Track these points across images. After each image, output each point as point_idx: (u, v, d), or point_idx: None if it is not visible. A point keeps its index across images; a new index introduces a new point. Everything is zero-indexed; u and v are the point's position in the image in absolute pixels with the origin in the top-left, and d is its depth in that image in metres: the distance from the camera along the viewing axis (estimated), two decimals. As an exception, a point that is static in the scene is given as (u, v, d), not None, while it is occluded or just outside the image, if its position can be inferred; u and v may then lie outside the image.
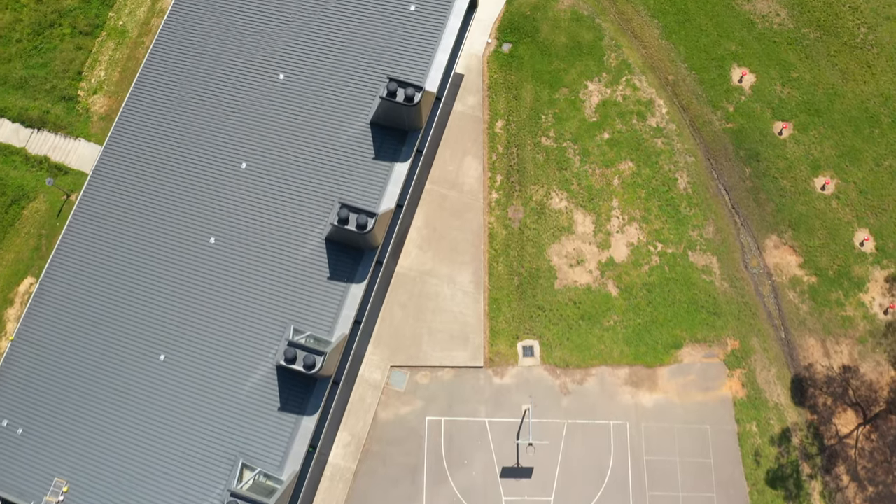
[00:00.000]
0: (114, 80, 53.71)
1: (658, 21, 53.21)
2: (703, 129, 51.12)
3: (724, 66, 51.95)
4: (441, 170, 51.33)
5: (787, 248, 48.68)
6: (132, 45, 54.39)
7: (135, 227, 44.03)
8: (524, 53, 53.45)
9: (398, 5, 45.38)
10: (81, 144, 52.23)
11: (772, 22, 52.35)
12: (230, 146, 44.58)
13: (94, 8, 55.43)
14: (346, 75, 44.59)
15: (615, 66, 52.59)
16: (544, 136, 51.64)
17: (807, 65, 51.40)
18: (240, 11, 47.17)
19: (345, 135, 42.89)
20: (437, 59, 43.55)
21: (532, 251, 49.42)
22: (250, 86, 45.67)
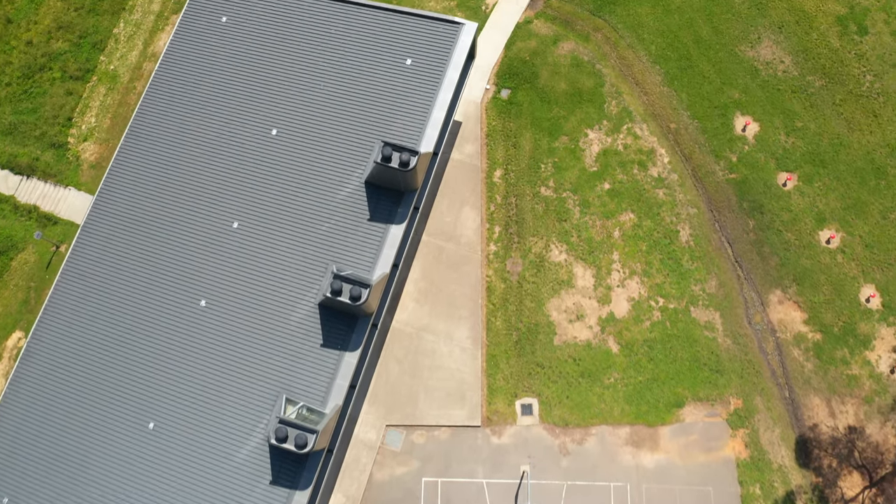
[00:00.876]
0: (104, 127, 53.26)
1: (660, 67, 52.73)
2: (705, 179, 50.61)
3: (727, 115, 51.47)
4: (438, 221, 50.82)
5: (792, 303, 48.14)
6: (123, 91, 53.93)
7: (123, 287, 43.67)
8: (523, 100, 53.00)
9: (394, 59, 44.92)
10: (71, 193, 51.80)
11: (776, 69, 51.88)
12: (221, 204, 44.16)
13: (85, 52, 54.99)
14: (340, 132, 44.17)
15: (616, 113, 52.11)
16: (544, 185, 51.14)
17: (811, 114, 50.93)
18: (233, 62, 46.85)
19: (339, 195, 42.38)
20: (433, 116, 43.09)
21: (531, 306, 48.90)
22: (242, 140, 45.30)
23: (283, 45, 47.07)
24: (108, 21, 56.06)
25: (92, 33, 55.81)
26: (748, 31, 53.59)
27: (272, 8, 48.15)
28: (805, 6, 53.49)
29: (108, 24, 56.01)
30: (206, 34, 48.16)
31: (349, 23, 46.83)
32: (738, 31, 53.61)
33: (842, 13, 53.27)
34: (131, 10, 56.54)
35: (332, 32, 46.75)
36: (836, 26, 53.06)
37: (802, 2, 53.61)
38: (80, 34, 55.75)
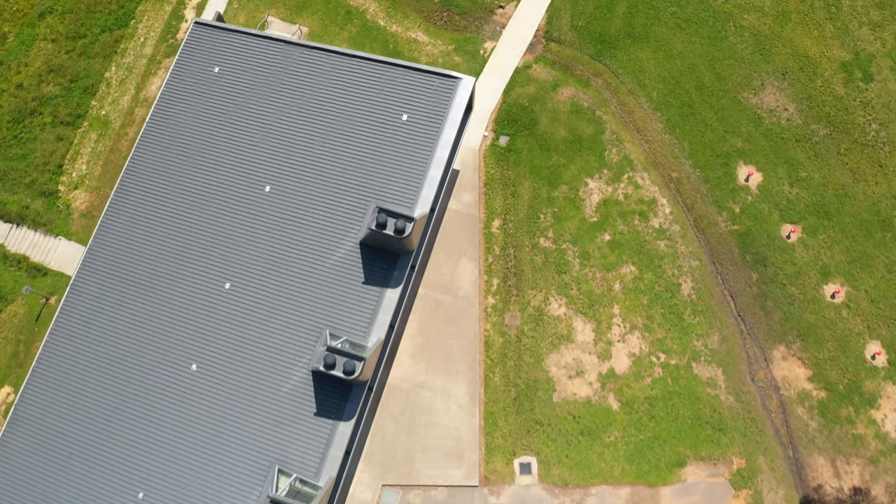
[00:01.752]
0: (95, 175, 52.85)
1: (661, 114, 52.27)
2: (707, 230, 50.11)
3: (729, 164, 50.99)
4: (435, 273, 50.33)
5: (796, 359, 47.64)
6: (115, 137, 53.55)
7: (113, 348, 43.63)
8: (522, 147, 52.55)
9: (390, 114, 44.51)
10: (62, 244, 51.36)
11: (779, 117, 51.41)
12: (213, 262, 43.79)
13: (77, 96, 54.58)
14: (334, 190, 43.81)
15: (617, 161, 51.63)
16: (543, 236, 50.64)
17: (816, 163, 50.46)
18: (226, 114, 46.81)
19: (333, 256, 41.78)
20: (430, 175, 42.80)
21: (530, 361, 48.41)
22: (235, 196, 44.94)
23: (277, 97, 46.67)
24: (99, 64, 55.62)
25: (83, 77, 55.37)
26: (751, 77, 53.12)
27: (265, 58, 47.73)
28: (809, 52, 53.02)
29: (99, 67, 55.58)
30: (198, 85, 47.78)
31: (344, 75, 46.44)
32: (740, 77, 53.15)
33: (846, 59, 52.82)
34: (123, 54, 56.12)
35: (327, 85, 46.40)
36: (841, 73, 52.60)
37: (806, 47, 53.12)
38: (72, 78, 55.29)
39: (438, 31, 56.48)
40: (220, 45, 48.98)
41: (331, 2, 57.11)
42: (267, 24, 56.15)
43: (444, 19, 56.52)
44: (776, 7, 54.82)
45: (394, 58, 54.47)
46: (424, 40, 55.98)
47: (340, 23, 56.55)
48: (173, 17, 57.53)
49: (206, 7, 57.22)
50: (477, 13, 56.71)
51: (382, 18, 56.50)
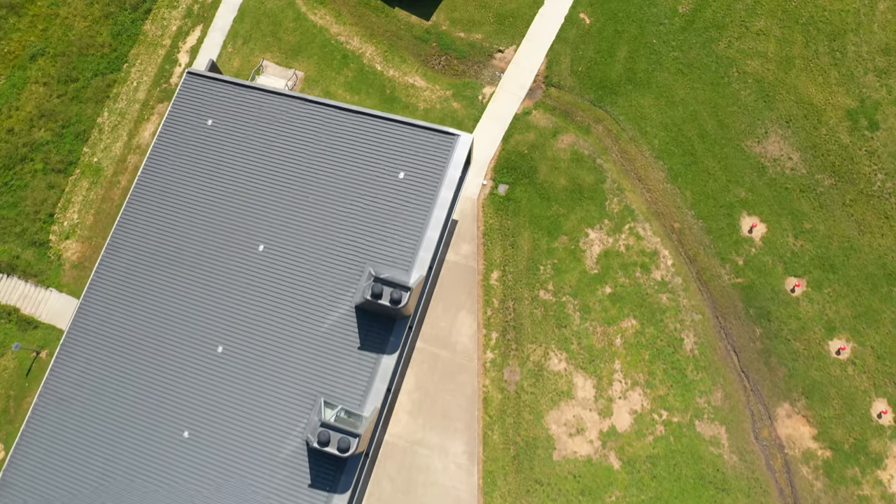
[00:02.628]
0: (87, 224, 52.35)
1: (663, 163, 51.71)
2: (710, 283, 49.52)
3: (733, 215, 50.43)
4: (433, 326, 49.75)
5: (801, 417, 47.05)
6: (107, 185, 53.03)
7: (103, 413, 42.81)
8: (521, 196, 51.98)
9: (386, 172, 43.97)
10: (53, 295, 50.83)
11: (783, 166, 50.85)
12: (205, 324, 43.16)
13: (68, 142, 54.06)
14: (329, 251, 43.36)
15: (618, 211, 51.06)
16: (542, 289, 50.06)
17: (821, 215, 49.89)
18: (220, 169, 46.88)
19: (328, 320, 41.18)
20: (427, 236, 42.27)
21: (529, 418, 47.83)
22: (228, 254, 44.51)
23: (272, 152, 46.21)
24: (91, 109, 55.15)
25: (75, 122, 54.90)
26: (755, 125, 52.58)
27: (259, 111, 47.29)
28: (813, 99, 52.48)
29: (91, 112, 55.11)
30: (191, 138, 47.35)
31: (340, 130, 46.05)
32: (744, 125, 52.60)
33: (852, 107, 52.29)
34: (115, 99, 55.63)
35: (323, 140, 45.92)
36: (846, 121, 52.05)
37: (811, 94, 52.58)
38: (63, 123, 54.84)
39: (436, 75, 55.94)
40: (214, 96, 48.50)
41: (327, 46, 56.58)
42: (262, 68, 55.63)
43: (442, 63, 55.98)
44: (780, 52, 54.27)
45: (391, 102, 54.24)
46: (422, 85, 55.44)
47: (337, 67, 56.03)
48: (167, 60, 57.02)
49: (200, 51, 56.75)
50: (475, 57, 56.17)
51: (379, 63, 55.97)
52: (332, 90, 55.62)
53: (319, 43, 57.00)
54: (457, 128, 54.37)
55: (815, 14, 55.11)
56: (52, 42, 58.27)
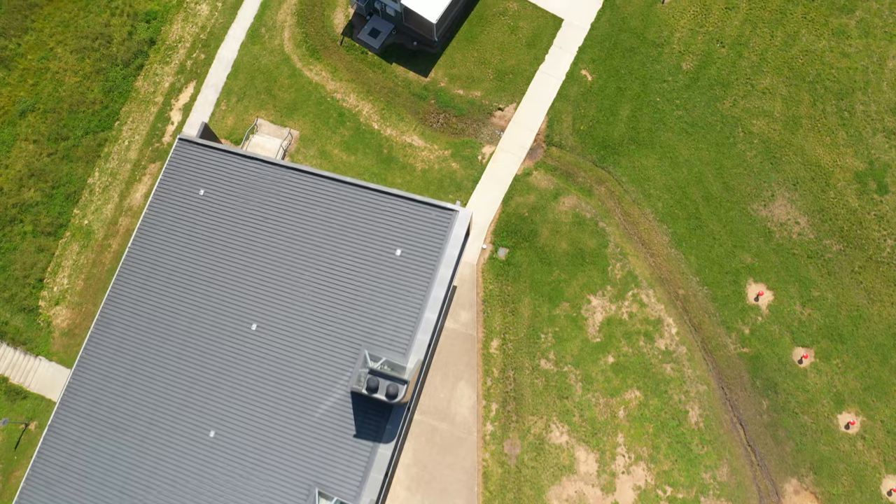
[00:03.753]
0: (77, 290, 51.50)
1: (667, 227, 50.80)
2: (716, 352, 48.64)
3: (738, 282, 49.48)
4: (431, 398, 48.84)
5: (809, 493, 46.15)
6: (97, 249, 52.23)
7: (90, 497, 41.39)
8: (522, 260, 51.07)
9: (382, 248, 43.08)
10: (42, 364, 50.00)
11: (790, 231, 49.94)
12: (196, 408, 42.43)
13: (58, 204, 53.23)
14: (324, 331, 42.51)
15: (620, 277, 50.15)
16: (543, 358, 49.17)
17: (829, 282, 48.94)
18: (212, 242, 46.55)
19: (322, 405, 40.24)
20: (425, 318, 41.66)
21: (530, 493, 46.93)
22: (220, 333, 43.76)
23: (265, 226, 45.41)
24: (82, 169, 54.36)
25: (65, 183, 54.11)
26: (761, 187, 51.71)
27: (252, 182, 46.36)
28: (821, 161, 51.61)
29: (82, 172, 54.33)
30: (183, 209, 46.58)
31: (335, 203, 45.20)
32: (750, 187, 51.72)
33: (860, 169, 51.39)
34: (107, 158, 54.87)
35: (317, 214, 45.15)
36: (855, 183, 51.17)
37: (818, 156, 51.72)
38: (53, 184, 54.03)
39: (435, 134, 55.09)
40: (205, 164, 47.80)
41: (323, 103, 55.74)
42: (256, 127, 54.74)
43: (440, 121, 55.13)
44: (786, 112, 53.41)
45: (388, 163, 53.95)
46: (420, 145, 54.59)
47: (332, 126, 55.19)
48: (159, 118, 56.21)
49: (193, 109, 55.94)
50: (475, 115, 55.31)
51: (376, 121, 55.10)
52: (329, 150, 54.77)
53: (315, 100, 56.15)
54: (456, 189, 53.60)
55: (823, 72, 54.23)
56: (43, 98, 57.45)
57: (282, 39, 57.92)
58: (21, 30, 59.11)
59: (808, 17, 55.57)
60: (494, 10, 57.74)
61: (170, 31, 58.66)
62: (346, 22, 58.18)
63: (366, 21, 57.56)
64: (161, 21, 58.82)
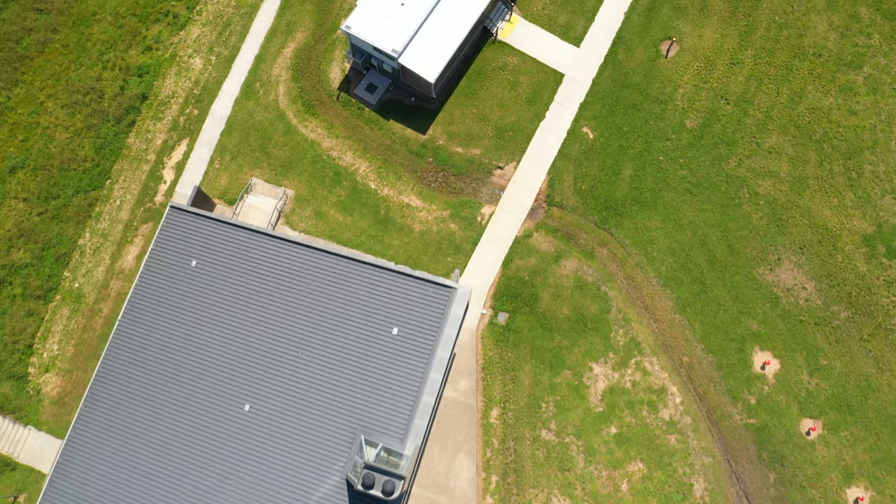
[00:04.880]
0: (67, 356, 50.60)
1: (671, 291, 49.86)
2: (721, 422, 47.68)
3: (744, 349, 48.53)
4: (429, 470, 47.90)
5: (817, 571, 45.09)
6: (88, 314, 51.28)
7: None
8: (522, 326, 50.11)
9: (379, 327, 42.21)
10: (31, 434, 49.17)
11: (797, 297, 48.97)
12: (188, 494, 41.03)
13: (48, 266, 52.34)
14: (318, 412, 41.78)
15: (623, 344, 49.18)
16: (545, 428, 48.25)
17: (837, 350, 47.98)
18: (204, 317, 46.10)
19: (316, 493, 39.28)
20: (423, 401, 40.72)
21: (531, 570, 45.93)
22: (212, 414, 43.03)
23: (259, 301, 44.58)
24: (73, 230, 53.48)
25: (55, 244, 53.25)
26: (767, 250, 50.76)
27: (245, 254, 45.44)
28: (829, 223, 50.67)
29: (73, 233, 53.45)
30: (174, 281, 45.70)
31: (330, 277, 44.27)
32: (756, 250, 50.78)
33: (869, 232, 50.47)
34: (98, 218, 53.98)
35: (311, 289, 44.22)
36: (863, 247, 50.20)
37: (825, 218, 50.78)
38: (44, 245, 53.15)
39: (433, 193, 54.12)
40: (197, 233, 46.76)
41: (318, 161, 54.82)
42: (251, 187, 53.79)
43: (438, 180, 54.20)
44: (793, 172, 52.47)
45: (386, 224, 53.42)
46: (418, 205, 53.65)
47: (328, 185, 54.26)
48: (151, 177, 55.31)
49: (186, 168, 55.13)
50: (474, 174, 54.37)
51: (373, 180, 54.17)
52: (324, 210, 53.84)
53: (311, 158, 55.22)
54: (454, 252, 52.67)
55: (829, 130, 53.30)
56: (33, 154, 56.56)
57: (277, 95, 56.97)
58: (11, 82, 58.22)
59: (815, 73, 54.64)
60: (494, 64, 56.78)
61: (162, 86, 57.71)
62: (342, 76, 57.24)
63: (362, 76, 56.61)
64: (154, 75, 57.90)
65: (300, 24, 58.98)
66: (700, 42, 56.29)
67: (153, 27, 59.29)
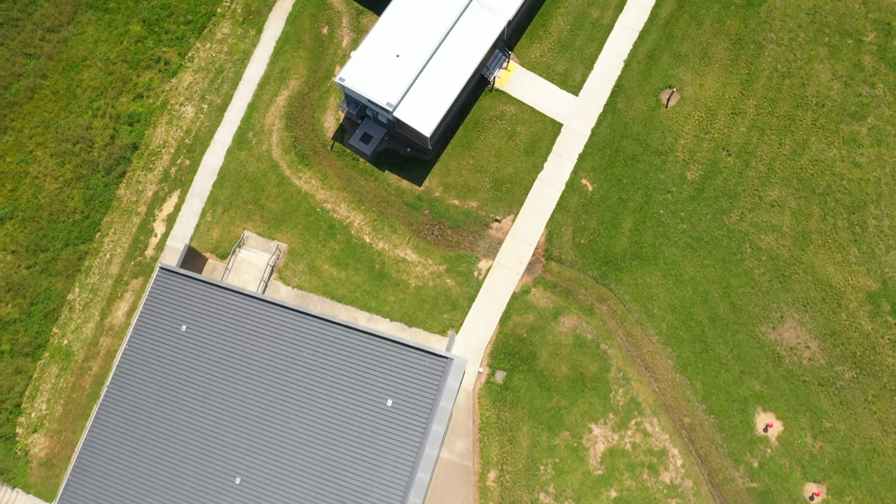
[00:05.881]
0: (56, 416, 49.94)
1: (672, 350, 49.08)
2: (723, 486, 47.02)
3: (747, 410, 47.84)
4: (425, 535, 46.80)
5: None
6: (77, 372, 50.57)
7: None
8: (520, 385, 49.37)
9: (372, 397, 41.62)
10: (19, 497, 48.92)
11: (801, 356, 48.23)
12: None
13: (37, 322, 51.56)
14: (310, 489, 40.39)
15: (623, 404, 48.47)
16: (543, 491, 47.56)
17: (841, 412, 47.27)
18: (194, 384, 44.99)
19: (310, 571, 38.55)
20: (417, 478, 39.74)
21: None
22: (202, 485, 41.53)
23: (250, 368, 44.04)
24: (62, 284, 52.75)
25: (44, 299, 52.47)
26: (769, 308, 50.03)
27: (236, 319, 44.70)
28: (832, 280, 49.92)
29: (62, 287, 52.75)
30: (164, 346, 44.83)
31: (323, 346, 43.17)
32: (758, 308, 50.03)
33: (873, 289, 49.75)
34: (87, 272, 53.21)
35: (304, 356, 43.44)
36: (868, 304, 49.48)
37: (829, 274, 50.04)
38: (32, 299, 52.39)
39: (429, 247, 53.31)
40: (187, 296, 46.06)
41: (312, 214, 54.03)
42: (243, 240, 52.97)
43: (435, 233, 53.40)
44: (796, 226, 51.72)
45: (381, 279, 53.10)
46: (414, 259, 52.86)
47: (323, 239, 53.49)
48: (142, 230, 54.54)
49: (177, 220, 54.53)
50: (471, 227, 53.56)
51: (368, 234, 53.36)
52: (318, 265, 53.04)
53: (304, 211, 54.40)
54: (451, 309, 51.88)
55: (833, 183, 52.55)
56: (22, 204, 55.74)
57: (270, 144, 56.12)
58: (0, 129, 57.24)
59: (818, 124, 53.85)
60: (491, 113, 55.95)
61: (153, 135, 56.88)
62: (336, 126, 56.42)
63: (357, 125, 55.77)
64: (144, 124, 57.03)
65: (294, 70, 58.10)
66: (701, 91, 55.43)
67: (144, 74, 58.41)
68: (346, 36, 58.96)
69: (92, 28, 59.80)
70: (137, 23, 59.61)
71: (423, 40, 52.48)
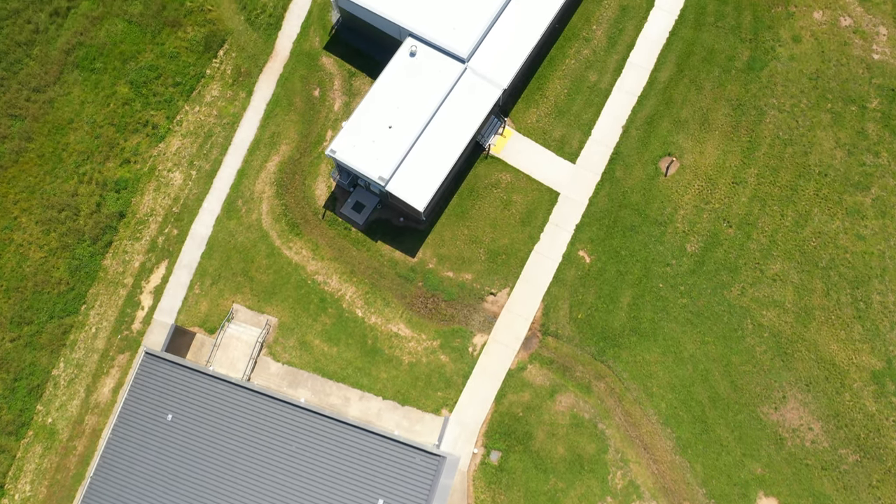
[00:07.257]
0: (40, 498, 49.39)
1: (671, 430, 48.28)
2: (724, 575, 45.79)
3: (748, 495, 47.30)
4: None
5: None
6: (62, 451, 49.70)
7: None
8: (516, 466, 48.56)
9: (363, 496, 40.62)
10: (1, 585, 47.03)
11: (803, 438, 47.40)
12: None
13: (20, 398, 50.81)
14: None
15: (622, 487, 47.77)
16: (539, 580, 46.33)
17: (845, 497, 46.79)
18: (180, 476, 43.09)
19: None
20: (409, 584, 38.18)
21: None
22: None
23: (237, 461, 43.04)
24: (46, 359, 51.95)
25: (28, 375, 51.77)
26: (771, 387, 49.28)
27: (223, 410, 43.82)
28: (836, 358, 49.13)
29: (46, 362, 51.95)
30: (149, 437, 43.74)
31: (312, 441, 42.59)
32: (760, 387, 49.29)
33: (878, 368, 48.96)
34: (72, 347, 52.33)
35: (292, 450, 42.44)
36: (872, 384, 48.68)
37: (832, 352, 49.24)
38: (16, 375, 51.65)
39: (422, 321, 52.38)
40: (173, 383, 44.95)
41: (303, 286, 53.13)
42: (232, 314, 51.99)
43: (428, 307, 52.51)
44: (798, 302, 50.88)
45: (373, 355, 52.62)
46: (407, 334, 51.99)
47: (313, 313, 52.58)
48: (128, 303, 53.65)
49: (165, 293, 53.68)
50: (465, 300, 52.65)
51: (360, 307, 52.44)
52: (309, 340, 52.17)
53: (295, 283, 53.51)
54: (445, 387, 51.07)
55: (836, 257, 51.67)
56: (6, 273, 54.91)
57: (260, 213, 55.16)
58: (-17, 194, 56.33)
59: (821, 195, 52.95)
60: (486, 181, 55.03)
61: (140, 203, 55.92)
62: (328, 193, 55.48)
63: (349, 193, 54.77)
64: (132, 191, 56.07)
65: (284, 135, 57.12)
66: (701, 159, 54.49)
67: (131, 138, 57.42)
68: (338, 99, 57.96)
69: (78, 89, 58.75)
70: (125, 84, 58.60)
71: (416, 111, 51.52)
